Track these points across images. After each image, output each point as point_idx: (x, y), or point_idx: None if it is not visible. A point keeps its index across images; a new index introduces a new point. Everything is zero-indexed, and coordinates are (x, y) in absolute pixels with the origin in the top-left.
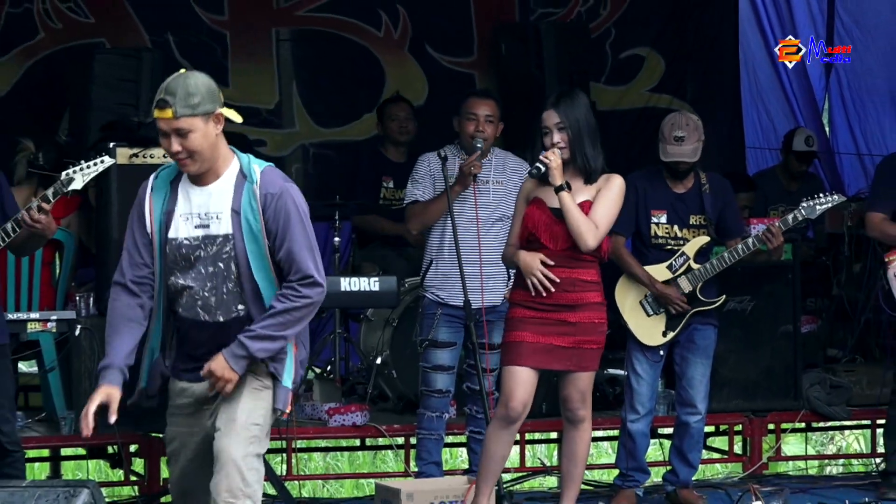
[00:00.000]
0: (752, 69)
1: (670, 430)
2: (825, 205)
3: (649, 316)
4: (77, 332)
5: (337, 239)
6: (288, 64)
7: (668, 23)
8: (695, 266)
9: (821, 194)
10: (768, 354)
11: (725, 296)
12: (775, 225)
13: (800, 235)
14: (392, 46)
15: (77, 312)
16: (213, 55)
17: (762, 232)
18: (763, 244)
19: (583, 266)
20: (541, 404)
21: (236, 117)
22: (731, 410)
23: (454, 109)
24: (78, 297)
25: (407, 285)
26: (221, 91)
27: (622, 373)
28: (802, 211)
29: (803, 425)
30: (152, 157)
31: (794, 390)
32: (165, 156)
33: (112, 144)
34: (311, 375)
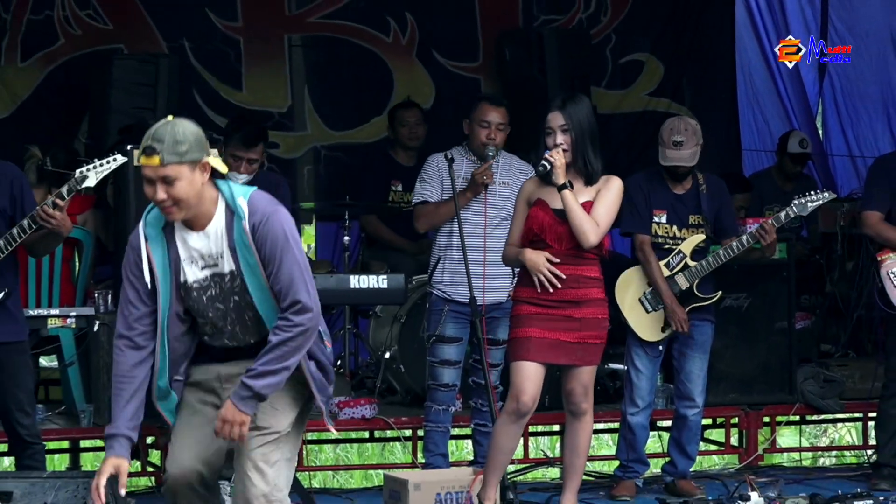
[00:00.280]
0: (748, 74)
1: (669, 423)
2: (816, 202)
3: (648, 312)
4: (96, 327)
5: (346, 238)
6: (300, 69)
7: (666, 29)
8: (691, 263)
9: (812, 192)
10: (764, 350)
11: (722, 292)
12: (768, 223)
13: (794, 235)
14: (400, 52)
15: (95, 309)
16: (228, 60)
17: (756, 229)
18: (757, 241)
19: (586, 263)
20: (544, 397)
21: (222, 167)
22: (728, 404)
23: (460, 113)
24: (96, 294)
25: (414, 282)
26: (235, 95)
27: (622, 367)
28: (794, 208)
29: (797, 418)
30: None
31: (789, 384)
32: None
33: (130, 147)
34: None
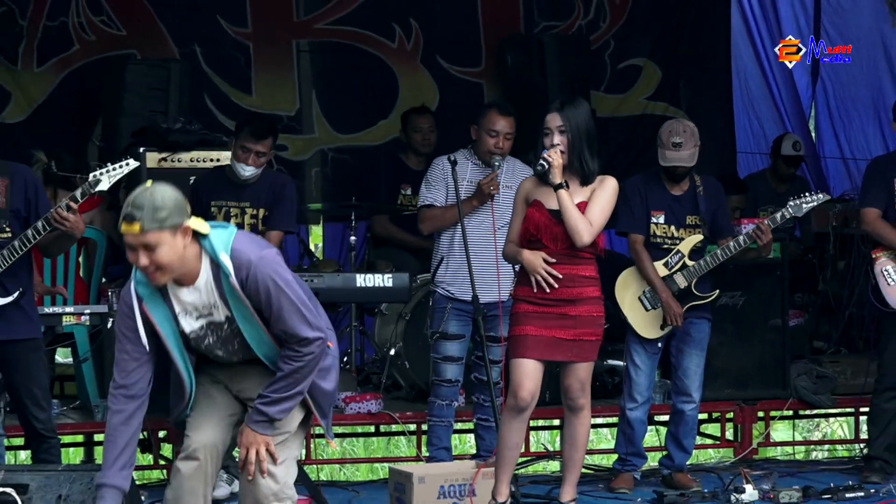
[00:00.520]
0: (743, 78)
1: (666, 418)
2: (811, 203)
3: (648, 310)
4: (109, 324)
5: (353, 238)
6: (308, 73)
7: (663, 35)
8: (689, 263)
9: (807, 193)
10: (758, 346)
11: (719, 290)
12: (764, 223)
13: (788, 235)
14: (405, 57)
15: (109, 306)
16: (238, 65)
17: (752, 230)
18: (753, 241)
19: (582, 263)
20: (544, 393)
21: (204, 228)
22: (724, 399)
23: (464, 116)
24: (110, 293)
25: (419, 281)
26: (245, 99)
27: (621, 364)
28: (790, 209)
29: (791, 413)
30: (180, 161)
31: (783, 380)
32: (192, 160)
33: (142, 149)
34: None
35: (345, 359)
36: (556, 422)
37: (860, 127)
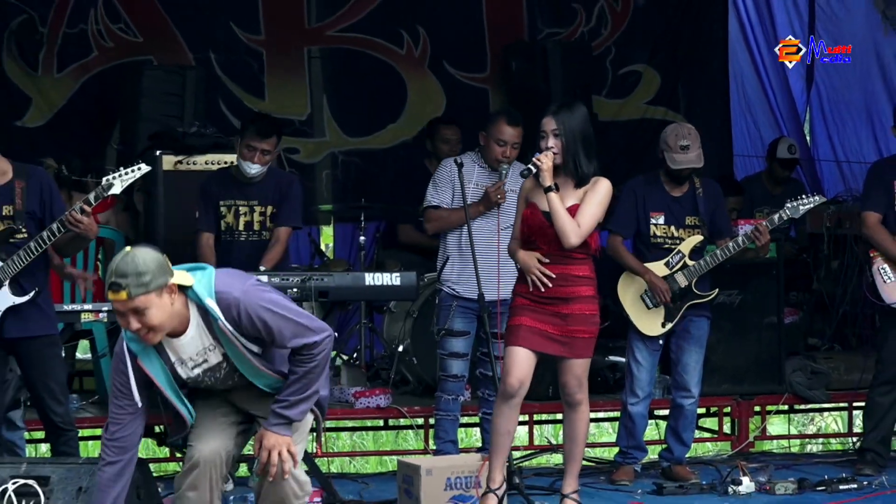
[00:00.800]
0: (740, 83)
1: (666, 412)
2: (808, 205)
3: (649, 309)
4: None
5: (362, 238)
6: (319, 79)
7: (663, 42)
8: (690, 263)
9: (803, 196)
10: (755, 343)
11: (718, 289)
12: (762, 224)
13: (783, 235)
14: (413, 63)
15: None
16: (251, 71)
17: (751, 231)
18: (752, 242)
19: (575, 263)
20: (547, 388)
21: (188, 280)
22: (721, 394)
23: (469, 120)
24: None
25: (426, 280)
26: (258, 104)
27: (622, 360)
28: (787, 211)
29: (786, 407)
30: (195, 164)
31: (778, 376)
32: (207, 163)
33: (159, 152)
34: (338, 362)
35: (354, 355)
36: (559, 416)
37: (853, 130)
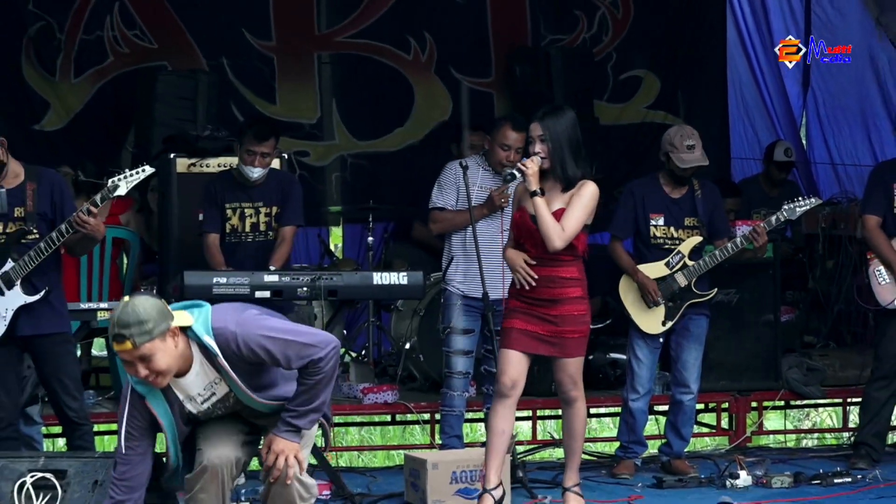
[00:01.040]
0: (738, 88)
1: (666, 408)
2: (804, 207)
3: (650, 308)
4: None
5: (370, 238)
6: (328, 84)
7: (662, 48)
8: (689, 263)
9: (800, 198)
10: (752, 341)
11: (717, 289)
12: (760, 225)
13: (780, 236)
14: (420, 68)
15: None
16: (262, 76)
17: (749, 231)
18: (750, 243)
19: (563, 265)
20: (550, 384)
21: (187, 320)
22: (719, 390)
23: (474, 124)
24: (142, 289)
25: (432, 279)
26: (269, 108)
27: (623, 357)
28: (784, 212)
29: (782, 403)
30: (207, 166)
31: (775, 372)
32: (219, 165)
33: (172, 155)
34: (347, 359)
35: (363, 352)
36: (561, 411)
37: (849, 134)
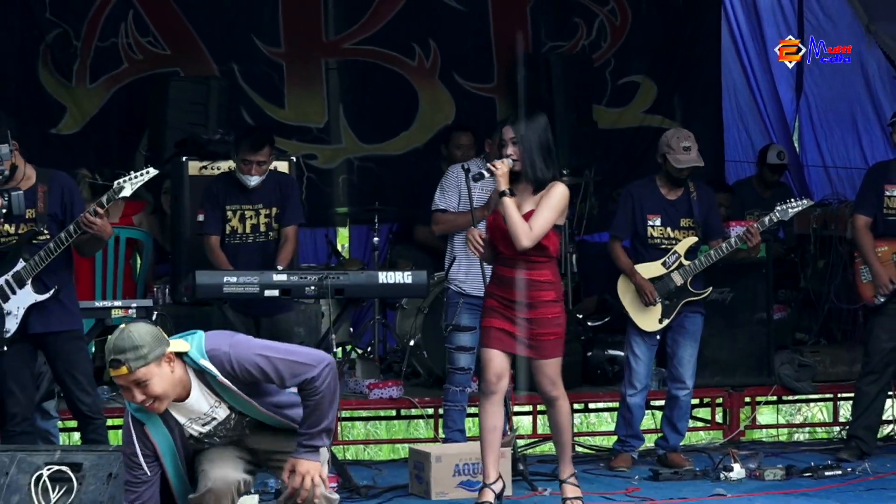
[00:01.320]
0: (733, 94)
1: (662, 403)
2: (796, 208)
3: (647, 306)
4: (154, 317)
5: (376, 239)
6: (336, 89)
7: (659, 54)
8: (685, 262)
9: (792, 199)
10: (745, 338)
11: (712, 287)
12: (753, 226)
13: (772, 236)
14: (424, 74)
15: (154, 301)
16: (272, 81)
17: (743, 232)
18: (744, 243)
19: (537, 268)
20: None
21: (183, 347)
22: (714, 386)
23: (477, 127)
24: (155, 289)
25: (435, 278)
26: (278, 113)
27: (621, 354)
28: (777, 213)
29: (775, 398)
30: (218, 168)
31: (768, 368)
32: (230, 168)
33: (184, 158)
34: (353, 356)
35: (368, 349)
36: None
37: (840, 137)
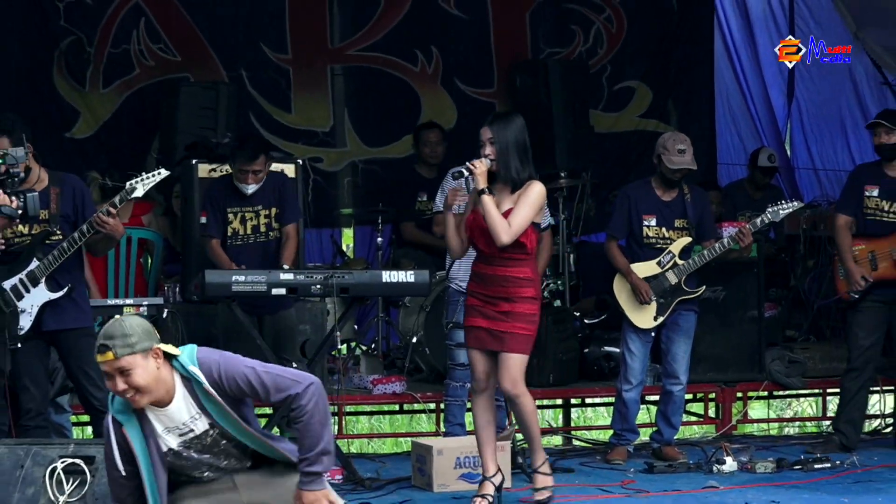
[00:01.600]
0: (726, 99)
1: (656, 398)
2: (787, 210)
3: (643, 304)
4: (165, 314)
5: (379, 239)
6: (341, 94)
7: (654, 60)
8: (680, 262)
9: (783, 201)
10: (737, 335)
11: (705, 286)
12: (745, 227)
13: (763, 237)
14: (427, 80)
15: (165, 299)
16: (279, 87)
17: (735, 233)
18: (736, 243)
19: (516, 265)
20: (548, 376)
21: (174, 350)
22: (707, 381)
23: (479, 131)
24: (166, 287)
25: (437, 277)
26: (285, 117)
27: (617, 350)
28: (769, 215)
29: (766, 393)
30: (227, 171)
31: (759, 364)
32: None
33: (194, 161)
34: (358, 352)
35: (372, 345)
36: (559, 401)
37: (829, 141)
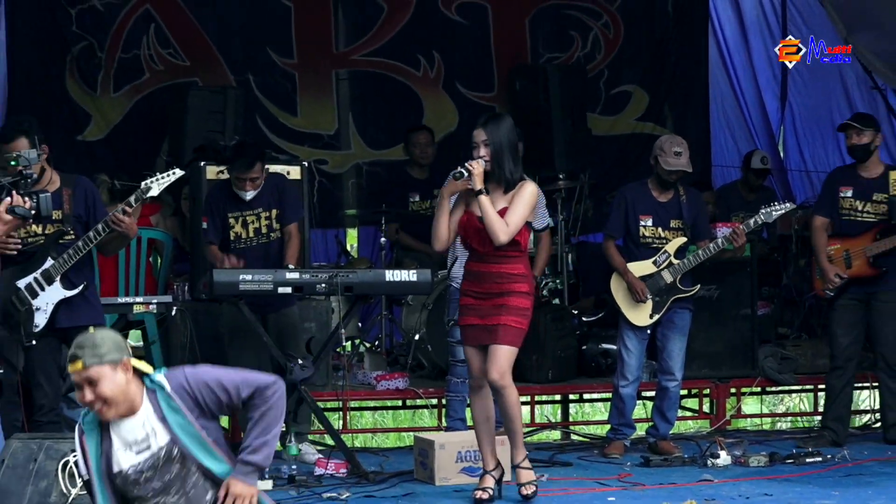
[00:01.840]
0: (720, 103)
1: (652, 394)
2: (779, 211)
3: (638, 302)
4: (174, 312)
5: (383, 239)
6: (345, 98)
7: (650, 65)
8: (675, 261)
9: (775, 202)
10: (731, 332)
11: (700, 285)
12: (739, 227)
13: (757, 237)
14: (429, 84)
15: (174, 297)
16: (285, 91)
17: (729, 233)
18: (730, 243)
19: (509, 262)
20: (547, 373)
21: (147, 368)
22: (701, 377)
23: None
24: (175, 286)
25: (439, 276)
26: (291, 120)
27: (614, 347)
28: (762, 216)
29: (759, 389)
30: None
31: (752, 361)
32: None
33: (203, 163)
34: (362, 349)
35: (376, 343)
36: (558, 397)
37: (821, 144)
